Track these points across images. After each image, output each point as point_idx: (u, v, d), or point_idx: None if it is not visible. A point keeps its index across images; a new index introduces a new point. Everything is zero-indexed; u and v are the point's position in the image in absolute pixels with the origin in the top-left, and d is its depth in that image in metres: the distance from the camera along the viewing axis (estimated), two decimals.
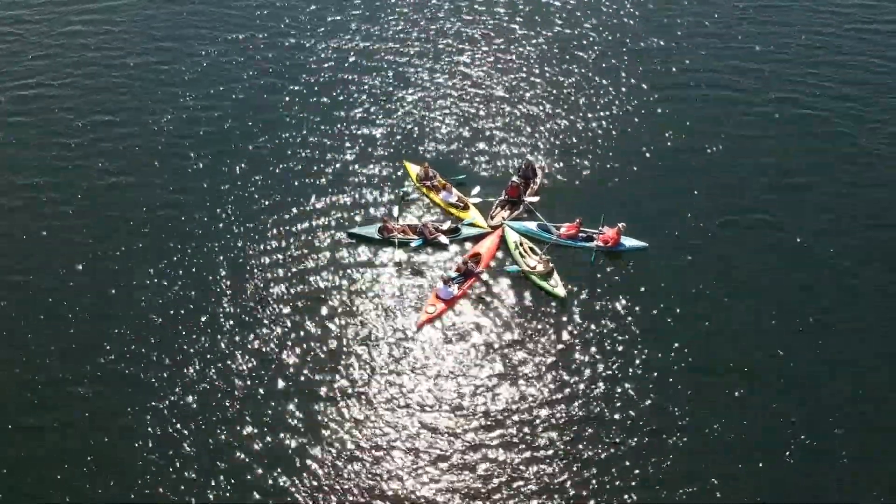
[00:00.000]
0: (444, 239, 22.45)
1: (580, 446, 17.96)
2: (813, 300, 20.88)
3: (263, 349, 20.07)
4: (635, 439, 18.03)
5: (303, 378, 19.44)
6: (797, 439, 17.95)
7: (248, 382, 19.35)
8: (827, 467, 17.53)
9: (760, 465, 17.57)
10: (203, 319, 20.72)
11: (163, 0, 33.03)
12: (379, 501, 17.22)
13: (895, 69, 28.58)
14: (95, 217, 23.64)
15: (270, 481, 17.53)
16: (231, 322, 20.68)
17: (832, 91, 27.56)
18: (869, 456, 17.69)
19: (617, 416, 18.46)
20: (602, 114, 26.78)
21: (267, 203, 23.88)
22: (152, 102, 27.76)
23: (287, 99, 27.66)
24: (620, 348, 19.81)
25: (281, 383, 19.32)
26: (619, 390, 18.96)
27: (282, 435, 18.33)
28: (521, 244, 22.35)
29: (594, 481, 17.36)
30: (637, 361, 19.51)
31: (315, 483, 17.51)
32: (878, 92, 27.55)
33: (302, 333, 20.38)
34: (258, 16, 31.79)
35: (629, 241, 22.16)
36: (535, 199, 23.59)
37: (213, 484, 17.48)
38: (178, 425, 18.50)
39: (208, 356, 19.90)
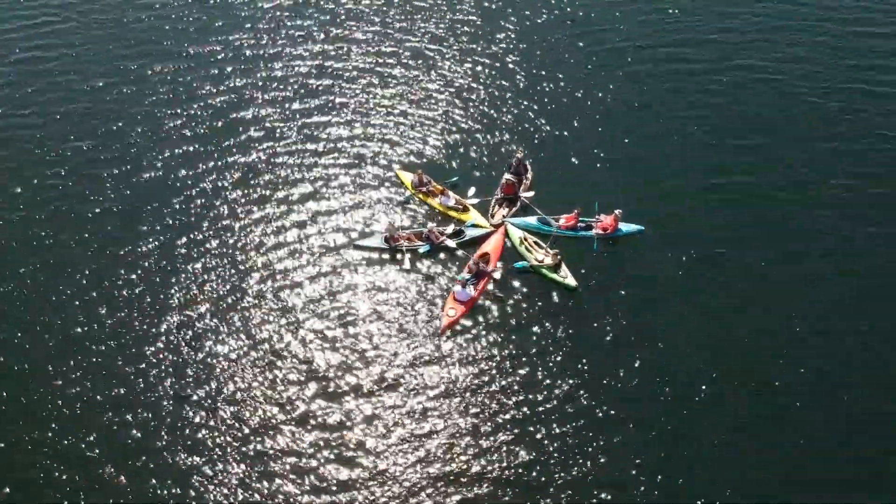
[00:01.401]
0: (450, 242, 23.10)
1: (610, 433, 18.99)
2: (800, 255, 22.70)
3: (288, 366, 20.38)
4: (663, 421, 19.16)
5: (337, 390, 19.88)
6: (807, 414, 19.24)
7: (276, 395, 19.75)
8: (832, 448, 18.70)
9: (776, 448, 18.67)
10: (216, 345, 20.89)
11: (118, 17, 32.44)
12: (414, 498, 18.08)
13: (833, 29, 31.01)
14: (92, 246, 23.31)
15: (298, 487, 18.22)
16: (250, 342, 20.95)
17: (782, 55, 29.84)
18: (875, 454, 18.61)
19: (642, 403, 19.46)
20: (578, 104, 27.86)
21: (266, 223, 23.96)
22: (127, 125, 27.35)
23: (263, 116, 27.64)
24: (635, 331, 20.88)
25: (314, 394, 19.76)
26: (638, 374, 19.99)
27: (317, 443, 18.89)
28: (526, 239, 23.23)
29: (631, 470, 18.45)
30: (653, 342, 20.62)
31: (350, 486, 18.22)
32: (823, 52, 29.93)
33: (326, 349, 20.74)
34: (221, 29, 31.51)
35: (626, 226, 23.31)
36: (531, 193, 24.47)
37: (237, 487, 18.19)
38: (200, 435, 19.06)
39: (229, 377, 20.20)
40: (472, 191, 24.64)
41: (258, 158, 26.12)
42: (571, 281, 22.04)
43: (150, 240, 23.47)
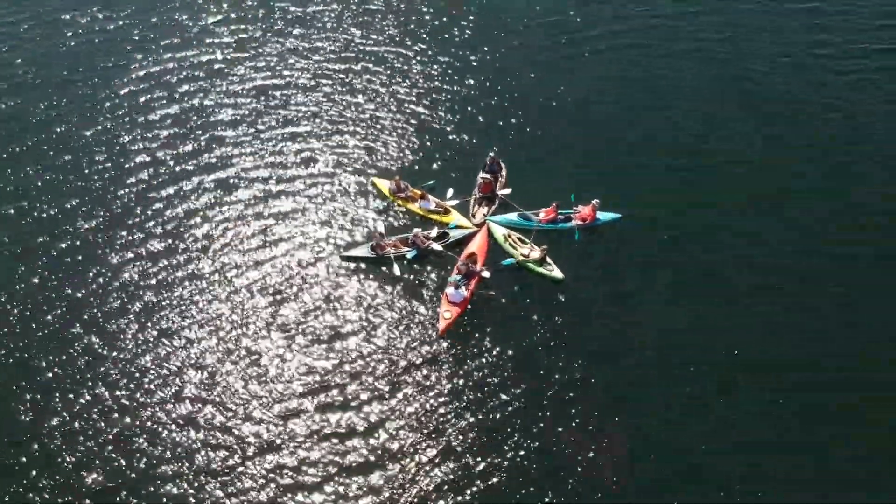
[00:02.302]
0: (437, 246, 23.51)
1: (609, 427, 19.51)
2: (781, 235, 23.91)
3: (289, 378, 20.50)
4: (659, 414, 19.76)
5: (345, 398, 20.10)
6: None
7: (278, 405, 19.85)
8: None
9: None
10: (212, 362, 20.84)
11: (61, 40, 31.73)
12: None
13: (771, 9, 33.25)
14: (80, 275, 22.91)
15: (301, 490, 18.55)
16: (247, 356, 20.95)
17: (727, 33, 31.82)
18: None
19: (638, 396, 20.05)
20: (542, 98, 28.67)
21: (248, 241, 23.87)
22: (84, 152, 26.84)
23: (229, 132, 27.44)
24: (623, 320, 21.57)
25: (320, 402, 19.96)
26: (633, 366, 20.62)
27: (325, 449, 19.12)
28: (509, 236, 23.84)
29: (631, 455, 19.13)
30: (643, 330, 21.33)
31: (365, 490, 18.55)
32: (764, 31, 32.08)
33: (327, 359, 20.91)
34: (173, 45, 31.08)
35: (604, 215, 24.16)
36: (508, 191, 25.06)
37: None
38: (201, 443, 19.00)
39: (226, 393, 20.23)
40: (450, 192, 25.07)
41: (228, 176, 25.94)
42: (558, 273, 22.77)
43: (132, 261, 23.27)
